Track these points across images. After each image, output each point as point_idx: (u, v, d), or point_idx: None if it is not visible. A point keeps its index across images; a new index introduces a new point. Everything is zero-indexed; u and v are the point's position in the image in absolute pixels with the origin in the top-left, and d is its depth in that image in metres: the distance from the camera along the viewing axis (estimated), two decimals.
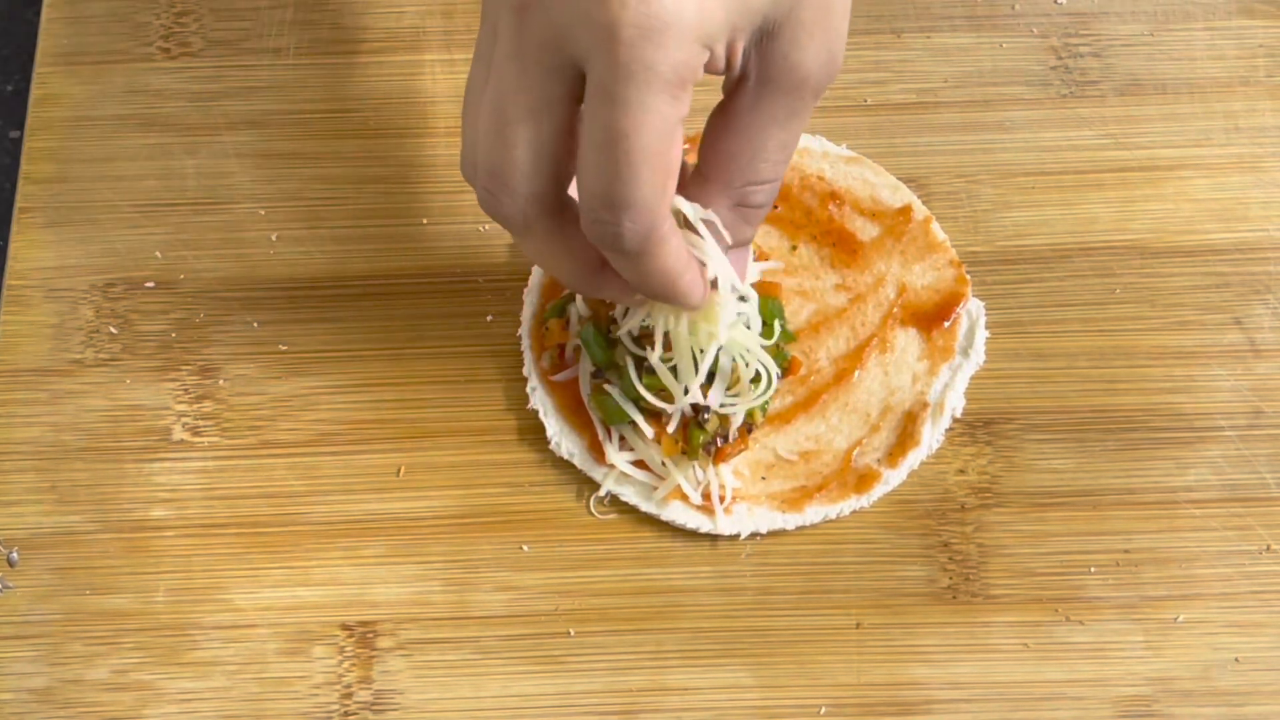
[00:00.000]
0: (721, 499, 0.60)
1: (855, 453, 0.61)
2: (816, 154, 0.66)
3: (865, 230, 0.65)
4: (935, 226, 0.65)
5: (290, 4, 0.71)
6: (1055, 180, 0.67)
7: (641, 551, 0.61)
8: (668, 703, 0.58)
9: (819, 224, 0.65)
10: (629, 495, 0.61)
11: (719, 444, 0.59)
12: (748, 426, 0.60)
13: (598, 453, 0.61)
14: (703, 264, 0.54)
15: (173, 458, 0.62)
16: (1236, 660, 0.59)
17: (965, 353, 0.63)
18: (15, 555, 0.61)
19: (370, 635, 0.59)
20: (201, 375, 0.64)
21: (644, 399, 0.59)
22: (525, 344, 0.63)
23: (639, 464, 0.61)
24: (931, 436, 0.62)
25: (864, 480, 0.61)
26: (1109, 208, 0.67)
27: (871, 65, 0.69)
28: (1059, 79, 0.69)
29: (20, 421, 0.63)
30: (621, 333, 0.59)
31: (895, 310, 0.63)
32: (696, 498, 0.60)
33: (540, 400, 0.62)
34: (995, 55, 0.70)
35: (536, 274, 0.65)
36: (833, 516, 0.61)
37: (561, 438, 0.62)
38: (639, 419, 0.59)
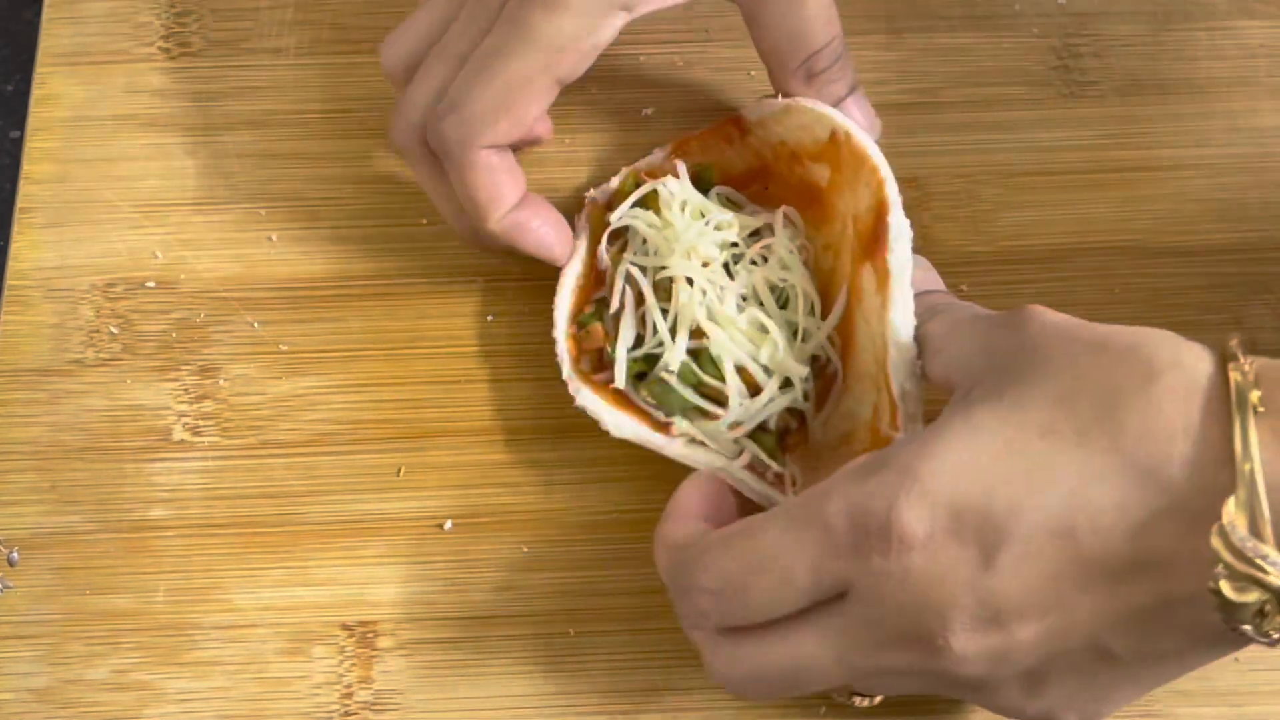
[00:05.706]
0: (793, 483, 0.57)
1: (878, 421, 0.56)
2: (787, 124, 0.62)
3: (824, 176, 0.60)
4: (856, 138, 0.58)
5: (290, 4, 0.71)
6: (1055, 180, 0.67)
7: (642, 551, 0.61)
8: (667, 703, 0.58)
9: (794, 190, 0.61)
10: (699, 460, 0.58)
11: (784, 439, 0.58)
12: (800, 416, 0.58)
13: (660, 431, 0.58)
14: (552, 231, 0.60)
15: (173, 458, 0.62)
16: (1236, 660, 0.59)
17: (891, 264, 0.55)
18: (15, 555, 0.61)
19: (370, 635, 0.59)
20: (201, 375, 0.64)
21: (705, 383, 0.57)
22: (562, 346, 0.60)
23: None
24: (902, 376, 0.55)
25: None
26: (1109, 207, 0.66)
27: (871, 65, 0.69)
28: (1059, 79, 0.69)
29: (20, 421, 0.63)
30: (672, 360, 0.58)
31: (854, 250, 0.58)
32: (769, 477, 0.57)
33: (587, 398, 0.59)
34: (995, 55, 0.69)
35: (570, 275, 0.62)
36: None
37: (622, 422, 0.58)
38: (703, 404, 0.57)
